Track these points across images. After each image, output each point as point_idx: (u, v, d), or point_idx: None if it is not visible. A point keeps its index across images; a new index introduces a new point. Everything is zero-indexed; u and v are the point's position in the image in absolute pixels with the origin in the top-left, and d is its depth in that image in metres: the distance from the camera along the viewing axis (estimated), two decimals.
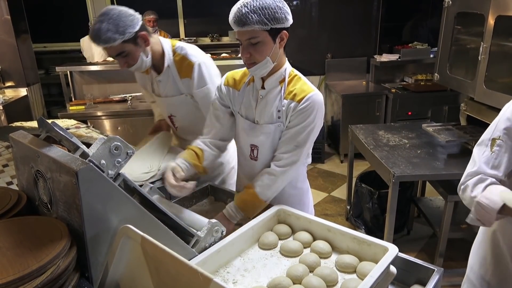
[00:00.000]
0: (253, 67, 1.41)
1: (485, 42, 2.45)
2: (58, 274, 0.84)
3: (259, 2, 1.31)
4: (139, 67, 1.75)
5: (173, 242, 1.09)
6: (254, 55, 1.38)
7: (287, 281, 1.12)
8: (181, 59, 1.82)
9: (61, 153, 1.01)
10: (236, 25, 1.33)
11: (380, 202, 2.95)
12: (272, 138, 1.50)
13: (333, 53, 5.07)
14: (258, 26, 1.31)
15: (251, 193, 1.46)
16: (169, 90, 1.90)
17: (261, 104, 1.50)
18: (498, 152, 1.28)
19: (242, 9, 1.31)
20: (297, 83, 1.46)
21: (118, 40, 1.62)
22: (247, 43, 1.36)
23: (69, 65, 4.18)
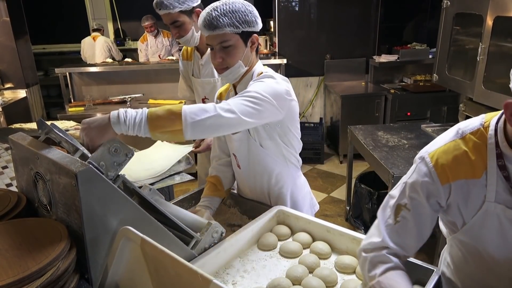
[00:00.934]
0: (226, 71, 1.38)
1: (484, 43, 2.46)
2: (58, 275, 0.84)
3: (229, 6, 1.31)
4: (188, 40, 1.91)
5: (173, 244, 1.09)
6: (226, 59, 1.35)
7: (286, 282, 1.12)
8: None
9: (60, 155, 1.02)
10: (207, 29, 1.31)
11: (379, 202, 2.93)
12: (246, 146, 1.47)
13: (332, 54, 5.07)
14: (230, 29, 1.30)
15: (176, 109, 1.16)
16: (208, 73, 2.04)
17: None
18: (405, 223, 1.00)
19: (212, 13, 1.29)
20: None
21: (176, 8, 1.80)
22: (219, 47, 1.34)
23: (68, 66, 4.19)
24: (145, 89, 4.18)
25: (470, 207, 0.97)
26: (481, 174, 0.94)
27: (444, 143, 0.98)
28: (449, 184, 0.95)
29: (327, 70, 5.09)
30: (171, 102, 4.02)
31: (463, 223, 1.00)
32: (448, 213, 1.01)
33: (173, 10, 1.80)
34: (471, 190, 0.95)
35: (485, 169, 0.93)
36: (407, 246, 1.02)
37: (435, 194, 0.97)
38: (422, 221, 1.01)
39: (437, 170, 0.96)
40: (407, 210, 1.00)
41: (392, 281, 0.98)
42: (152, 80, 4.21)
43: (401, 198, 1.02)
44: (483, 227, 0.97)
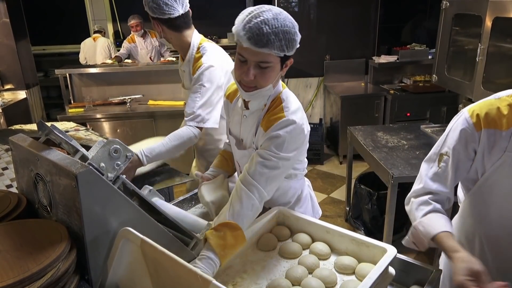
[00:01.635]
0: (253, 91, 1.26)
1: (483, 44, 2.46)
2: (58, 276, 0.85)
3: (280, 23, 1.15)
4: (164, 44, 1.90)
5: (173, 245, 1.10)
6: (259, 79, 1.22)
7: (286, 282, 1.12)
8: (198, 57, 1.90)
9: (60, 156, 1.02)
10: (252, 44, 1.14)
11: (379, 203, 2.95)
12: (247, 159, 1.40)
13: (332, 54, 5.08)
14: (276, 51, 1.16)
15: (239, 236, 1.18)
16: (187, 83, 2.00)
17: (244, 124, 1.42)
18: (445, 168, 1.22)
19: (264, 28, 1.13)
20: (276, 107, 1.31)
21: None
22: (255, 64, 1.20)
23: (68, 67, 4.20)
24: (145, 90, 4.19)
25: (493, 155, 1.14)
26: (508, 127, 1.11)
27: (482, 101, 1.18)
28: (480, 131, 1.14)
29: (327, 71, 5.10)
30: (171, 103, 4.03)
31: (483, 172, 1.18)
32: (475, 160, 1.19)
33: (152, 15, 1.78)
34: (497, 140, 1.12)
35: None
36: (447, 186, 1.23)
37: (471, 140, 1.16)
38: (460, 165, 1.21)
39: (473, 119, 1.15)
40: (448, 157, 1.21)
41: (431, 221, 1.20)
42: (152, 81, 4.22)
43: (443, 147, 1.24)
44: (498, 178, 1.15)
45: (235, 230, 1.17)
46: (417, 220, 1.23)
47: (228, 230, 1.16)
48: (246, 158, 1.39)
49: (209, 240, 1.13)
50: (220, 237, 1.14)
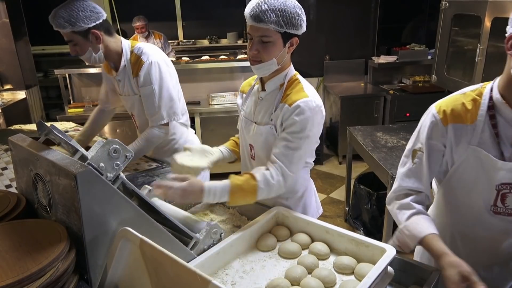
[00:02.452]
0: (258, 64, 1.40)
1: (482, 44, 2.47)
2: (57, 276, 0.85)
3: (280, 2, 1.31)
4: (87, 59, 1.84)
5: (172, 244, 1.10)
6: (262, 53, 1.37)
7: (285, 282, 1.12)
8: (135, 59, 1.89)
9: (60, 156, 1.02)
10: (252, 20, 1.32)
11: (379, 203, 2.95)
12: (264, 139, 1.50)
13: (331, 55, 5.08)
14: (274, 26, 1.31)
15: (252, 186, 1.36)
16: (126, 90, 1.98)
17: (260, 106, 1.52)
18: (419, 163, 1.25)
19: (262, 6, 1.30)
20: (295, 87, 1.45)
21: (67, 29, 1.73)
22: (258, 40, 1.35)
23: (67, 68, 4.19)
24: None
25: (460, 148, 1.19)
26: (472, 121, 1.15)
27: (448, 97, 1.24)
28: (447, 126, 1.18)
29: (326, 71, 5.10)
30: None
31: (452, 164, 1.23)
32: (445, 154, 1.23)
33: (64, 30, 1.73)
34: (462, 134, 1.17)
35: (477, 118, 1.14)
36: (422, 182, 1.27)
37: (440, 135, 1.20)
38: (433, 159, 1.24)
39: (440, 115, 1.20)
40: (421, 152, 1.24)
41: (416, 225, 1.22)
42: None
43: (415, 143, 1.28)
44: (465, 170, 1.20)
45: (254, 180, 1.36)
46: (402, 224, 1.26)
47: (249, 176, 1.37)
48: (260, 136, 1.50)
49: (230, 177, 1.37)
50: (238, 179, 1.37)
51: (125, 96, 2.01)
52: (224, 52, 5.36)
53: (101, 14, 1.79)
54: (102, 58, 1.86)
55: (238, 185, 1.35)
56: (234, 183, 1.35)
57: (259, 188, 1.36)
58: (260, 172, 1.39)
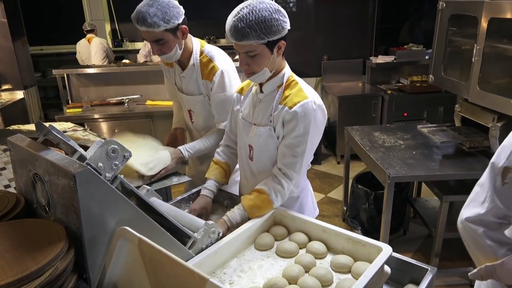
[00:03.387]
0: (252, 76, 1.43)
1: (479, 44, 2.48)
2: (57, 275, 0.85)
3: (254, 15, 1.30)
4: (170, 57, 1.80)
5: (170, 244, 1.11)
6: (252, 66, 1.39)
7: (282, 281, 1.13)
8: (207, 61, 1.88)
9: (59, 156, 1.03)
10: (233, 39, 1.34)
11: (376, 203, 2.96)
12: (263, 140, 1.51)
13: (329, 55, 5.09)
14: (255, 41, 1.32)
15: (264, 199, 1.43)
16: (191, 88, 1.97)
17: (259, 107, 1.53)
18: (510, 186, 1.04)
19: (239, 23, 1.30)
20: (293, 89, 1.46)
21: (161, 27, 1.66)
22: (245, 55, 1.38)
23: (66, 68, 4.19)
24: (143, 91, 4.19)
25: None
26: None
27: None
28: None
29: (325, 71, 5.11)
30: (169, 103, 4.02)
31: None
32: None
33: (158, 29, 1.66)
34: None
35: None
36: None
37: None
38: None
39: None
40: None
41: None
42: (150, 82, 4.22)
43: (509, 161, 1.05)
44: None
45: (262, 194, 1.43)
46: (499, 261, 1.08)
47: (256, 193, 1.44)
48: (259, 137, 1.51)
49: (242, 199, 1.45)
50: (249, 199, 1.44)
51: (187, 95, 2.00)
52: None
53: (182, 9, 1.78)
54: (180, 55, 1.83)
55: (251, 206, 1.42)
56: (248, 205, 1.43)
57: (272, 199, 1.43)
58: (268, 185, 1.45)
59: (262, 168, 1.56)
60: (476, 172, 2.34)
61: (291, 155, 1.44)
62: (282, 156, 1.47)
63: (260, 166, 1.57)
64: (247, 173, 1.65)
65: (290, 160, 1.44)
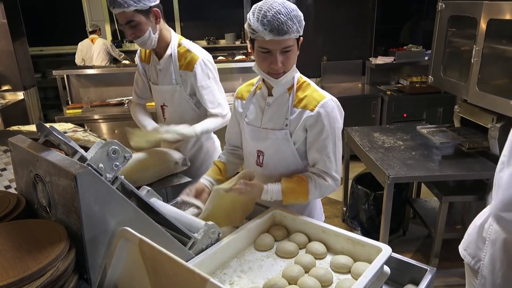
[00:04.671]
0: (282, 76, 1.37)
1: (478, 45, 2.49)
2: (58, 276, 0.86)
3: (288, 8, 1.28)
4: (145, 41, 1.81)
5: (170, 244, 1.11)
6: (286, 64, 1.34)
7: (282, 281, 1.13)
8: (184, 52, 1.91)
9: (59, 157, 1.03)
10: (274, 34, 1.26)
11: (376, 203, 2.97)
12: (278, 144, 1.48)
13: (329, 55, 5.10)
14: (295, 34, 1.30)
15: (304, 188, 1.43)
16: (167, 79, 1.97)
17: (269, 111, 1.49)
18: None
19: (280, 17, 1.24)
20: (306, 90, 1.44)
21: (131, 7, 1.69)
22: (280, 52, 1.31)
23: (66, 68, 4.20)
24: None
25: None
26: None
27: None
28: None
29: (324, 72, 5.12)
30: None
31: None
32: None
33: (128, 9, 1.68)
34: None
35: None
36: None
37: None
38: None
39: None
40: None
41: None
42: None
43: None
44: None
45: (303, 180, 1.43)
46: None
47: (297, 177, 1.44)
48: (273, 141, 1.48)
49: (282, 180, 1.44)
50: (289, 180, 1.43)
51: (162, 85, 2.00)
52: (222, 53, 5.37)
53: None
54: (156, 41, 1.86)
55: (290, 187, 1.42)
56: (286, 185, 1.42)
57: (310, 188, 1.42)
58: (311, 177, 1.45)
59: (273, 174, 1.52)
60: (475, 172, 2.35)
61: (326, 157, 1.43)
62: (316, 161, 1.46)
63: (271, 172, 1.53)
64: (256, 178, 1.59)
65: (327, 162, 1.44)
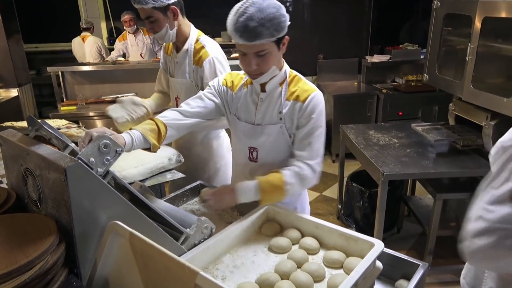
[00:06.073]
0: (259, 77, 1.39)
1: (472, 43, 2.49)
2: (47, 269, 0.85)
3: (263, 13, 1.26)
4: (162, 36, 1.89)
5: (162, 239, 1.10)
6: (262, 66, 1.36)
7: (275, 276, 1.13)
8: (199, 48, 1.96)
9: (50, 151, 1.02)
10: (244, 40, 1.27)
11: (371, 201, 2.97)
12: (273, 139, 1.49)
13: (325, 54, 5.10)
14: (267, 39, 1.29)
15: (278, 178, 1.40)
16: (181, 73, 2.03)
17: (262, 107, 1.49)
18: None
19: (250, 23, 1.24)
20: (298, 83, 1.46)
21: (149, 4, 1.77)
22: (254, 55, 1.33)
23: (60, 65, 4.17)
24: (137, 88, 4.18)
25: None
26: None
27: None
28: None
29: (320, 70, 5.12)
30: None
31: None
32: None
33: (146, 6, 1.77)
34: None
35: None
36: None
37: None
38: None
39: None
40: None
41: None
42: (145, 80, 4.20)
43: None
44: None
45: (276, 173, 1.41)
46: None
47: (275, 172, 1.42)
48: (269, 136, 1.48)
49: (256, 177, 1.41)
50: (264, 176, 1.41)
51: (176, 78, 2.07)
52: None
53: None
54: (174, 36, 1.93)
55: (266, 180, 1.39)
56: (261, 179, 1.40)
57: (285, 178, 1.40)
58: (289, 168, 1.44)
59: (268, 167, 1.51)
60: (469, 170, 2.36)
61: (309, 148, 1.45)
62: (297, 148, 1.47)
63: (266, 165, 1.53)
64: (247, 175, 1.59)
65: (309, 153, 1.45)
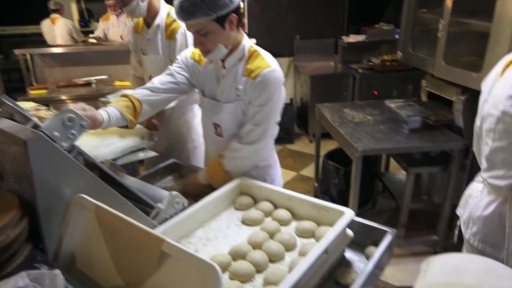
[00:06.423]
0: (209, 54, 1.41)
1: (444, 19, 2.52)
2: (8, 243, 0.83)
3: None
4: (133, 9, 1.85)
5: (132, 214, 1.09)
6: (207, 44, 1.36)
7: (247, 247, 1.14)
8: (171, 22, 1.93)
9: (10, 124, 0.99)
10: (181, 19, 1.32)
11: (346, 178, 3.01)
12: (233, 115, 1.49)
13: (302, 34, 5.08)
14: (203, 19, 1.29)
15: (217, 162, 1.51)
16: (154, 49, 1.99)
17: (222, 83, 1.50)
18: None
19: (184, 4, 1.27)
20: (255, 59, 1.44)
21: None
22: (196, 34, 1.35)
23: (29, 47, 4.01)
24: (111, 71, 4.07)
25: None
26: None
27: None
28: None
29: (297, 51, 5.10)
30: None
31: None
32: None
33: None
34: None
35: None
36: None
37: None
38: None
39: None
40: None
41: None
42: (119, 62, 4.09)
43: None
44: None
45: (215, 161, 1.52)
46: None
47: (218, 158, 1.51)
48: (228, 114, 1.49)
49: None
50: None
51: (148, 55, 2.03)
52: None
53: None
54: (145, 10, 1.89)
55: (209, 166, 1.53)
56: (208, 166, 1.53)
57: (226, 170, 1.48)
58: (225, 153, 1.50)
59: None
60: (440, 144, 2.41)
61: (252, 124, 1.44)
62: (245, 124, 1.47)
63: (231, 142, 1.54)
64: (216, 149, 1.61)
65: (250, 127, 1.45)
